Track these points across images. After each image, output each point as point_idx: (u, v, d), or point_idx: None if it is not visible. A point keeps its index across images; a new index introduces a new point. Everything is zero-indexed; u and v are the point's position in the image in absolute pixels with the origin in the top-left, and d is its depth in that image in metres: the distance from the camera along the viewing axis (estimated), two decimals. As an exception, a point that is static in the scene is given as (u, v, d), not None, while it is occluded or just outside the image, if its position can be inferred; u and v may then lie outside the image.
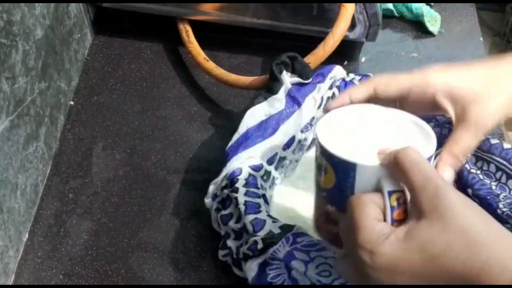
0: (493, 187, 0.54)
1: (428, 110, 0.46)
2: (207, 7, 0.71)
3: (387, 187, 0.36)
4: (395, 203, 0.36)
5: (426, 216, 0.33)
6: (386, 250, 0.34)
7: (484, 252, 0.32)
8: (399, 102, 0.46)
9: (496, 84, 0.45)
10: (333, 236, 0.42)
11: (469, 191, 0.54)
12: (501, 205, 0.52)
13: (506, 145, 0.54)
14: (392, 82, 0.46)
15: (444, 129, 0.57)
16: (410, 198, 0.35)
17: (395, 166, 0.36)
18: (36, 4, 0.56)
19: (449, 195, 0.33)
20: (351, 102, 0.47)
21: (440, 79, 0.45)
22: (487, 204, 0.53)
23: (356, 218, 0.36)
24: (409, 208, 0.36)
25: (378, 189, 0.37)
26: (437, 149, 0.41)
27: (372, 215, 0.36)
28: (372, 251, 0.34)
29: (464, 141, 0.45)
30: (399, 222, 0.36)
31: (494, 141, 0.55)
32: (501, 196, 0.53)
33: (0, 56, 0.49)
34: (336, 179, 0.39)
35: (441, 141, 0.57)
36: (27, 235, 0.58)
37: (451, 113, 0.46)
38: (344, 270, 0.39)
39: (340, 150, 0.39)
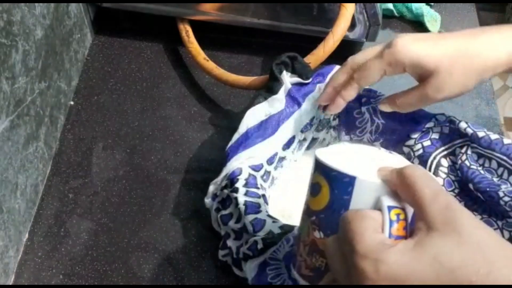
0: (495, 181, 0.54)
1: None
2: (207, 7, 0.71)
3: (387, 202, 0.34)
4: (394, 218, 0.34)
5: (439, 229, 0.31)
6: (393, 259, 0.31)
7: (507, 269, 0.30)
8: None
9: (460, 60, 0.49)
10: (314, 273, 0.39)
11: (470, 185, 0.54)
12: (501, 194, 0.51)
13: (507, 141, 0.54)
14: (368, 72, 0.51)
15: (444, 128, 0.58)
16: (418, 213, 0.33)
17: (400, 181, 0.34)
18: (36, 4, 0.56)
19: (460, 209, 0.32)
20: (335, 91, 0.54)
21: (408, 55, 0.49)
22: (489, 197, 0.52)
23: (353, 230, 0.33)
24: (416, 223, 0.33)
25: (375, 209, 0.35)
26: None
27: (371, 227, 0.33)
28: (377, 258, 0.31)
29: (409, 98, 0.52)
30: (398, 238, 0.33)
31: (494, 136, 0.54)
32: (503, 186, 0.52)
33: (0, 56, 0.49)
34: (330, 196, 0.36)
35: (442, 140, 0.57)
36: (27, 235, 0.58)
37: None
38: None
39: (339, 166, 0.36)
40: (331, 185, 0.36)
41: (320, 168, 0.38)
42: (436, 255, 0.30)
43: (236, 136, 0.57)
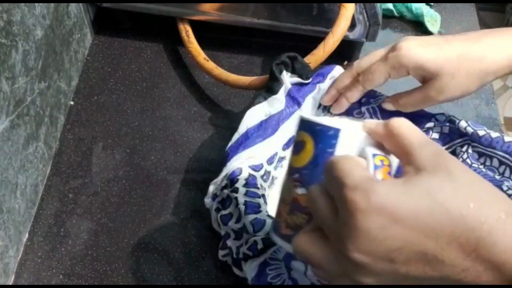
0: (497, 178, 0.54)
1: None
2: (207, 7, 0.71)
3: (371, 150, 0.34)
4: (379, 163, 0.34)
5: (428, 170, 0.31)
6: (385, 190, 0.30)
7: (497, 205, 0.30)
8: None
9: (463, 64, 0.50)
10: (295, 231, 0.38)
11: None
12: (505, 188, 0.51)
13: (507, 138, 0.54)
14: (373, 75, 0.53)
15: (444, 127, 0.58)
16: (405, 159, 0.33)
17: (387, 131, 0.34)
18: (36, 4, 0.56)
19: (449, 155, 0.32)
20: (339, 93, 0.57)
21: (413, 59, 0.51)
22: None
23: (341, 168, 0.31)
24: (404, 168, 0.33)
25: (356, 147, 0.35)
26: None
27: (359, 166, 0.32)
28: (368, 189, 0.30)
29: (412, 98, 0.54)
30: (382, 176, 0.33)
31: (494, 134, 0.54)
32: (505, 183, 0.52)
33: (0, 56, 0.49)
34: (314, 151, 0.36)
35: (442, 140, 0.57)
36: (27, 235, 0.58)
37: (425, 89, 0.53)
38: (306, 246, 0.34)
39: (323, 121, 0.36)
40: (315, 139, 0.36)
41: (304, 124, 0.37)
42: (427, 189, 0.30)
43: (236, 136, 0.57)
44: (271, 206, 0.57)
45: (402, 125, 0.33)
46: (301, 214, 0.38)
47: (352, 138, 0.35)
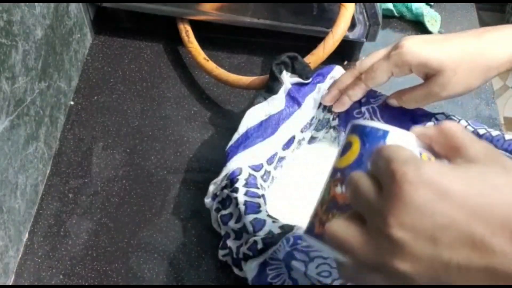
0: None
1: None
2: (207, 7, 0.71)
3: (418, 150, 0.34)
4: (426, 159, 0.34)
5: (481, 161, 0.30)
6: (436, 167, 0.29)
7: None
8: None
9: (465, 60, 0.50)
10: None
11: None
12: None
13: (508, 137, 0.54)
14: (375, 73, 0.53)
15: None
16: (456, 153, 0.31)
17: (438, 132, 0.33)
18: (36, 4, 0.56)
19: (500, 152, 0.32)
20: (341, 92, 0.57)
21: (415, 56, 0.51)
22: None
23: (389, 149, 0.30)
24: (454, 162, 0.31)
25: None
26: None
27: (406, 149, 0.31)
28: (419, 163, 0.28)
29: (415, 94, 0.54)
30: None
31: (495, 133, 0.54)
32: None
33: (0, 56, 0.49)
34: (360, 150, 0.36)
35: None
36: (27, 235, 0.58)
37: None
38: (340, 229, 0.32)
39: (373, 124, 0.36)
40: (363, 140, 0.36)
41: (354, 128, 0.37)
42: (480, 174, 0.29)
43: (236, 136, 0.57)
44: (271, 206, 0.57)
45: (454, 126, 0.33)
46: (338, 211, 0.37)
47: (400, 140, 0.35)
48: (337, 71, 0.62)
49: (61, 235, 0.59)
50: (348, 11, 0.64)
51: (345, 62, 0.75)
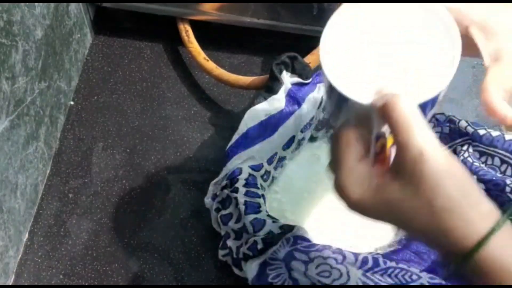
0: (499, 176, 0.54)
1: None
2: (207, 7, 0.71)
3: (376, 129, 0.35)
4: (379, 149, 0.35)
5: (403, 177, 0.33)
6: (360, 197, 0.34)
7: (446, 221, 0.32)
8: None
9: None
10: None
11: (475, 177, 0.53)
12: (508, 181, 0.51)
13: (508, 137, 0.54)
14: None
15: (444, 127, 0.58)
16: (396, 150, 0.34)
17: (384, 114, 0.34)
18: (36, 4, 0.56)
19: (431, 161, 0.32)
20: None
21: (476, 12, 0.43)
22: (494, 185, 0.52)
23: (339, 156, 0.35)
24: (393, 159, 0.34)
25: (368, 118, 0.35)
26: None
27: (355, 153, 0.35)
28: (348, 195, 0.35)
29: (500, 81, 0.42)
30: (380, 164, 0.35)
31: (495, 133, 0.54)
32: (508, 180, 0.52)
33: (0, 56, 0.49)
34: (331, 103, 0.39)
35: (443, 140, 0.57)
36: (27, 235, 0.58)
37: (481, 48, 0.43)
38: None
39: (341, 74, 0.37)
40: (330, 97, 0.38)
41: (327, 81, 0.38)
42: (391, 202, 0.33)
43: (236, 136, 0.57)
44: (271, 206, 0.57)
45: (396, 109, 0.33)
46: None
47: (359, 107, 0.35)
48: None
49: (61, 235, 0.59)
50: (348, 11, 0.64)
51: (345, 62, 0.75)
